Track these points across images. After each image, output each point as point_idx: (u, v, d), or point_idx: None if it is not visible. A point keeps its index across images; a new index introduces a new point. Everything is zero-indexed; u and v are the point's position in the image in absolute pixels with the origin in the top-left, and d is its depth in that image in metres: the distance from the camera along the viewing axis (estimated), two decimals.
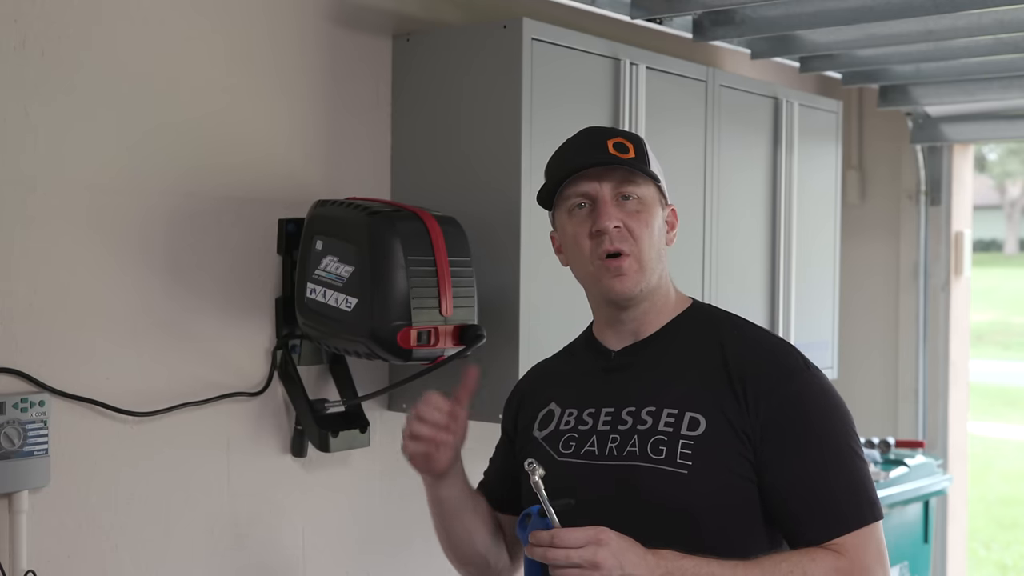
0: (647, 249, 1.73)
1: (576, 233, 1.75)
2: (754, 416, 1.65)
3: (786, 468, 1.64)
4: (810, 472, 1.64)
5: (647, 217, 1.73)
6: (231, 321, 2.50)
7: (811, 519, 1.64)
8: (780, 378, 1.68)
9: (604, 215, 1.71)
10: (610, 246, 1.71)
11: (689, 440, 1.66)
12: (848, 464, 1.66)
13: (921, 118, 4.41)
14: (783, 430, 1.64)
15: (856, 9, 2.99)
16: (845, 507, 1.64)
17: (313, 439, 2.57)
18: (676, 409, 1.69)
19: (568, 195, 1.75)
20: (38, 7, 2.18)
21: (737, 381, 1.67)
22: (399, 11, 2.82)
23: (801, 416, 1.66)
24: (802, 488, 1.64)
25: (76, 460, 2.24)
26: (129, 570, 2.33)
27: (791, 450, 1.64)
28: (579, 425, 1.78)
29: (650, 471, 1.67)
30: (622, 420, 1.73)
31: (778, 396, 1.66)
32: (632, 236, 1.72)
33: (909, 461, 3.91)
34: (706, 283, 3.16)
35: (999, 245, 22.91)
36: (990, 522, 8.81)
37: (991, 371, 13.65)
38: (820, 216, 3.68)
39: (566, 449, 1.77)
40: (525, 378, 2.01)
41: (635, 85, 2.86)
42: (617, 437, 1.72)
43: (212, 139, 2.47)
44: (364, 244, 2.32)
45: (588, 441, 1.75)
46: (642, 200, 1.74)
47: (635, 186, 1.73)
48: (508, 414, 1.96)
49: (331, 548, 2.72)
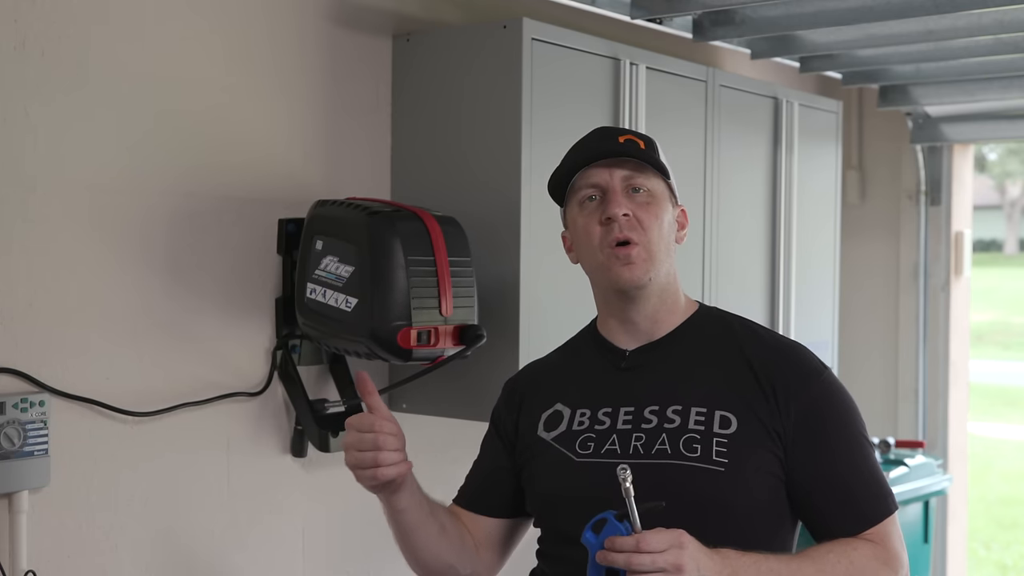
0: (656, 240, 1.74)
1: (586, 224, 1.76)
2: (786, 417, 1.70)
3: (815, 466, 1.70)
4: (838, 470, 1.71)
5: (656, 209, 1.75)
6: (231, 321, 2.50)
7: (840, 513, 1.71)
8: (806, 380, 1.74)
9: (614, 203, 1.73)
10: (619, 234, 1.72)
11: (723, 438, 1.69)
12: (868, 459, 1.74)
13: (921, 118, 4.41)
14: (813, 430, 1.71)
15: (856, 9, 2.99)
16: (872, 500, 1.72)
17: (313, 439, 2.57)
18: (704, 408, 1.71)
19: (579, 187, 1.77)
20: (38, 7, 2.18)
21: (766, 382, 1.72)
22: (399, 11, 2.82)
23: (828, 416, 1.73)
24: (830, 484, 1.71)
25: (76, 460, 2.24)
26: (129, 570, 2.33)
27: (820, 449, 1.71)
28: (595, 425, 1.76)
29: (685, 469, 1.68)
30: (645, 419, 1.73)
31: (807, 398, 1.72)
32: (641, 226, 1.73)
33: (909, 461, 3.91)
34: (706, 283, 3.15)
35: (999, 245, 22.90)
36: (990, 522, 8.81)
37: (991, 371, 13.64)
38: (820, 216, 3.68)
39: (584, 449, 1.75)
40: (521, 377, 1.98)
41: (635, 85, 2.86)
42: (642, 436, 1.72)
43: (212, 139, 2.47)
44: (364, 244, 2.32)
45: (608, 440, 1.74)
46: (652, 193, 1.76)
47: (645, 178, 1.76)
48: (507, 415, 1.91)
49: (331, 548, 2.72)
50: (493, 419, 1.95)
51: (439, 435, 2.86)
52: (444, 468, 2.27)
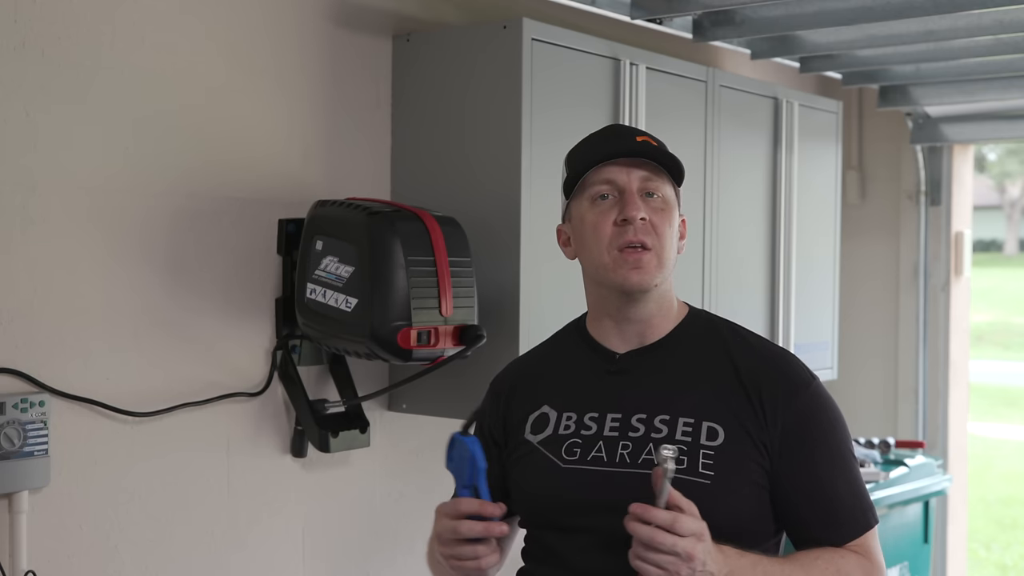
0: (667, 247, 1.74)
1: (597, 222, 1.73)
2: (772, 428, 1.69)
3: (799, 477, 1.70)
4: (822, 483, 1.71)
5: (669, 216, 1.74)
6: (231, 321, 2.50)
7: (823, 524, 1.71)
8: (794, 391, 1.72)
9: (632, 205, 1.71)
10: (634, 237, 1.70)
11: (710, 450, 1.67)
12: (852, 472, 1.74)
13: (921, 118, 4.41)
14: (799, 442, 1.70)
15: (856, 9, 2.99)
16: (855, 513, 1.72)
17: (313, 439, 2.57)
18: (692, 418, 1.70)
19: (593, 182, 1.74)
20: (38, 7, 2.18)
21: (753, 393, 1.71)
22: (399, 11, 2.82)
23: (814, 429, 1.72)
24: (814, 496, 1.70)
25: (76, 460, 2.24)
26: (129, 570, 2.33)
27: (805, 461, 1.70)
28: (581, 430, 1.74)
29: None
30: (632, 427, 1.71)
31: (793, 410, 1.70)
32: (656, 232, 1.72)
33: (909, 461, 3.90)
34: (706, 284, 3.15)
35: (999, 245, 22.91)
36: (990, 522, 8.80)
37: (991, 371, 13.65)
38: (820, 216, 3.68)
39: (570, 456, 1.73)
40: (507, 376, 1.92)
41: (635, 85, 2.86)
42: (628, 444, 1.70)
43: (212, 139, 2.47)
44: (364, 244, 2.32)
45: (595, 447, 1.72)
46: (665, 199, 1.75)
47: (660, 183, 1.74)
48: (494, 415, 1.88)
49: (331, 548, 2.72)
50: (492, 392, 1.91)
51: (439, 435, 2.84)
52: (444, 468, 2.27)
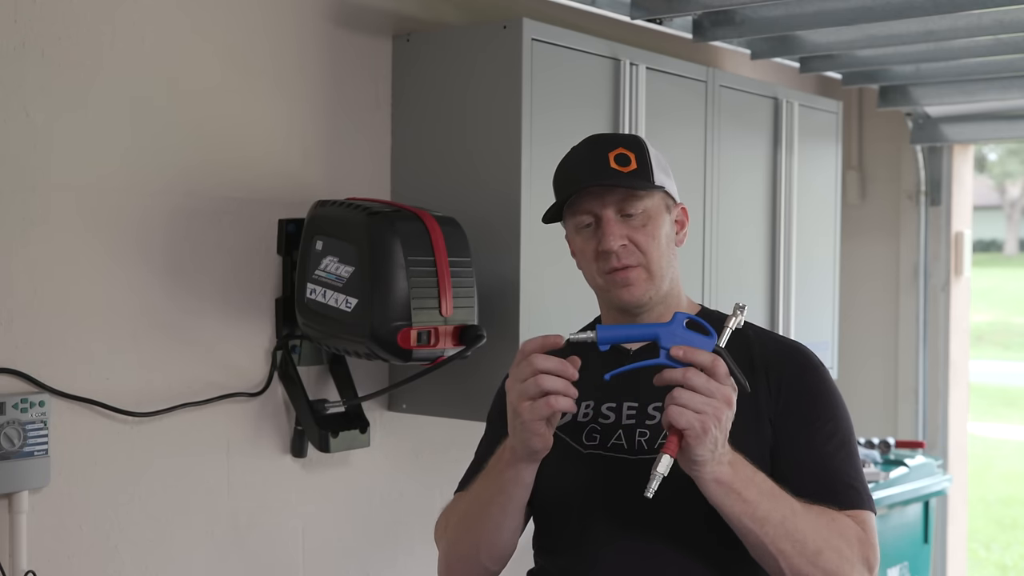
0: (656, 259, 1.74)
1: (584, 248, 1.76)
2: (775, 401, 1.72)
3: (798, 444, 1.70)
4: (820, 450, 1.70)
5: (653, 229, 1.74)
6: (231, 321, 2.50)
7: (820, 493, 1.67)
8: (804, 368, 1.76)
9: (608, 236, 1.71)
10: (616, 263, 1.72)
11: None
12: (853, 454, 1.74)
13: (921, 118, 4.41)
14: (799, 409, 1.72)
15: (856, 9, 2.99)
16: (855, 485, 1.70)
17: (313, 439, 2.57)
18: None
19: (574, 212, 1.76)
20: (38, 7, 2.18)
21: (764, 375, 1.73)
22: (399, 11, 2.82)
23: (819, 406, 1.73)
24: (815, 466, 1.69)
25: (76, 460, 2.24)
26: (129, 570, 2.33)
27: (804, 428, 1.71)
28: (599, 418, 1.77)
29: None
30: (649, 415, 1.74)
31: (797, 383, 1.73)
32: (639, 249, 1.72)
33: (909, 461, 3.90)
34: (706, 283, 3.15)
35: (999, 245, 22.90)
36: (990, 522, 8.81)
37: (991, 371, 13.65)
38: (820, 216, 3.69)
39: (590, 441, 1.76)
40: None
41: (635, 85, 2.86)
42: (646, 432, 1.72)
43: (212, 139, 2.47)
44: (364, 244, 2.32)
45: (614, 435, 1.74)
46: (647, 213, 1.74)
47: (638, 201, 1.73)
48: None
49: (331, 548, 2.72)
50: (491, 421, 1.92)
51: (439, 435, 2.86)
52: (444, 468, 2.27)
